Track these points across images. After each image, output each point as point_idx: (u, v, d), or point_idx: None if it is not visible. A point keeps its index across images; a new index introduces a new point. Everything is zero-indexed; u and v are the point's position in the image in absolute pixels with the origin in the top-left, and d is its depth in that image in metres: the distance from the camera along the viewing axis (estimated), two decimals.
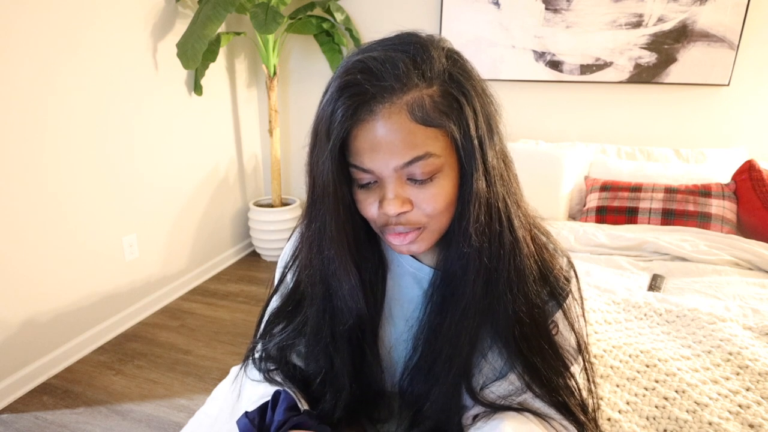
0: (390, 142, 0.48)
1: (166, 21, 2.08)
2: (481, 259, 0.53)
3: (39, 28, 1.56)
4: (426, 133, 0.48)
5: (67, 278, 1.76)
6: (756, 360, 0.98)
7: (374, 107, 0.48)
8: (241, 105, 2.71)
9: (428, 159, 0.49)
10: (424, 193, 0.51)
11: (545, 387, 0.56)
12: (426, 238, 0.54)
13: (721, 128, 2.16)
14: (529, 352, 0.56)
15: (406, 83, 0.48)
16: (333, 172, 0.50)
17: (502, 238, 0.53)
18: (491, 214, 0.52)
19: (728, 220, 1.74)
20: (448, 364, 0.57)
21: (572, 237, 1.73)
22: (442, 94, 0.49)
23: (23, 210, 1.58)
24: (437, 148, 0.49)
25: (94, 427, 1.48)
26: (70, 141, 1.71)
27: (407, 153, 0.48)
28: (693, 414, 0.85)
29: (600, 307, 1.23)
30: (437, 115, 0.48)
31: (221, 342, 1.94)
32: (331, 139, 0.49)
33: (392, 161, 0.49)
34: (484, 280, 0.54)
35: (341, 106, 0.48)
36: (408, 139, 0.48)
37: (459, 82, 0.50)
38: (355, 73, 0.48)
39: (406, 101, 0.48)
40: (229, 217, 2.70)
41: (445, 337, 0.56)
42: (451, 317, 0.56)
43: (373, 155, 0.49)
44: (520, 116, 2.39)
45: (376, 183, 0.52)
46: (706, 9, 2.01)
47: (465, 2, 2.30)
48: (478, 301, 0.54)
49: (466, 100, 0.50)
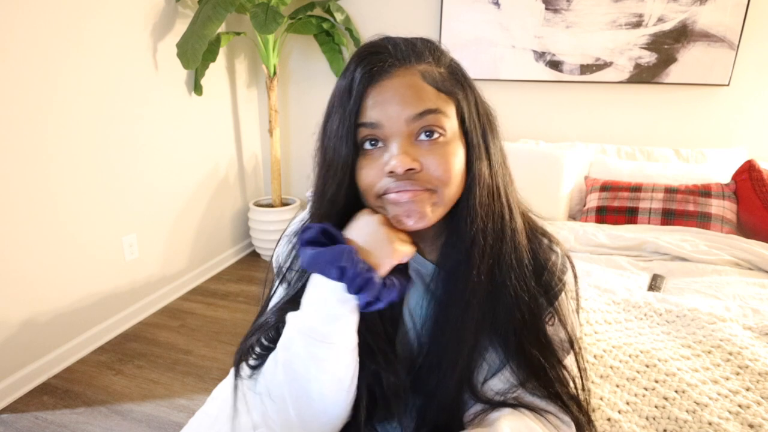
0: (403, 95, 0.51)
1: (166, 21, 2.08)
2: (486, 240, 0.54)
3: (39, 28, 1.56)
4: (437, 95, 0.52)
5: (67, 278, 1.76)
6: (756, 360, 0.98)
7: (391, 71, 0.52)
8: (241, 105, 2.71)
9: (439, 115, 0.51)
10: (434, 153, 0.51)
11: (540, 380, 0.56)
12: (433, 207, 0.53)
13: (721, 128, 2.16)
14: (525, 346, 0.56)
15: (420, 57, 0.53)
16: (351, 136, 0.52)
17: (504, 225, 0.56)
18: (494, 198, 0.55)
19: (728, 220, 1.74)
20: (453, 358, 0.56)
21: (572, 237, 1.73)
22: (451, 75, 0.54)
23: (23, 210, 1.58)
24: (447, 111, 0.52)
25: (94, 427, 1.48)
26: (70, 141, 1.71)
27: (420, 104, 0.51)
28: (693, 414, 0.85)
29: (600, 307, 1.23)
30: (448, 85, 0.53)
31: (221, 342, 1.94)
32: (351, 99, 0.52)
33: (405, 112, 0.50)
34: (489, 264, 0.55)
35: (361, 71, 0.52)
36: (421, 94, 0.51)
37: (464, 75, 0.56)
38: (376, 46, 0.54)
39: (419, 69, 0.52)
40: (229, 217, 2.70)
41: (451, 331, 0.56)
42: (455, 309, 0.56)
43: (386, 107, 0.51)
44: (520, 116, 2.39)
45: (381, 147, 0.52)
46: (706, 9, 2.01)
47: (465, 2, 2.30)
48: (484, 287, 0.55)
49: (470, 89, 0.55)
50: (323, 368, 0.51)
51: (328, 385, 0.52)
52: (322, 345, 0.51)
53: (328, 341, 0.51)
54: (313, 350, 0.51)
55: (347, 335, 0.52)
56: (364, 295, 0.49)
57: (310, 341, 0.51)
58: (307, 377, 0.52)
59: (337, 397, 0.53)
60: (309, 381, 0.52)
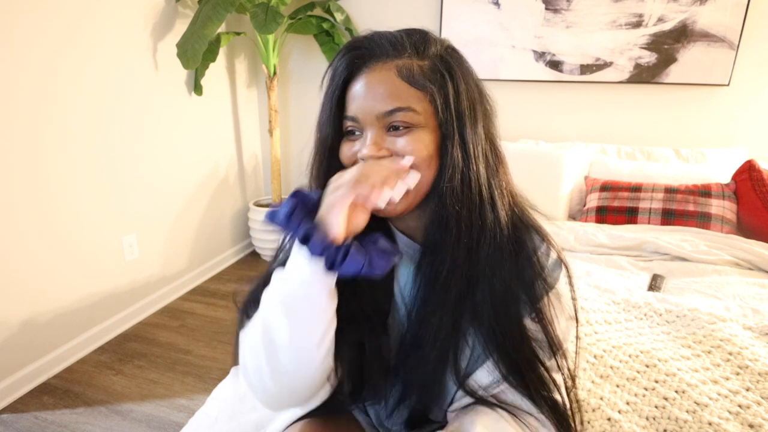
0: (376, 92, 0.55)
1: (166, 21, 2.08)
2: (459, 225, 0.56)
3: (39, 27, 1.56)
4: (410, 92, 0.55)
5: (67, 278, 1.76)
6: (756, 360, 0.98)
7: (369, 64, 0.56)
8: (241, 105, 2.71)
9: (408, 112, 0.55)
10: (401, 141, 0.56)
11: (520, 377, 0.57)
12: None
13: (721, 128, 2.16)
14: (504, 338, 0.57)
15: (399, 51, 0.56)
16: (331, 121, 0.58)
17: (483, 213, 0.57)
18: (470, 186, 0.56)
19: (728, 220, 1.74)
20: (434, 335, 0.58)
21: (572, 237, 1.73)
22: (431, 68, 0.56)
23: (23, 210, 1.58)
24: (419, 107, 0.55)
25: (94, 427, 1.48)
26: (70, 141, 1.71)
27: (390, 103, 0.55)
28: (693, 414, 0.85)
29: (600, 307, 1.23)
30: (422, 80, 0.55)
31: (221, 342, 1.94)
32: (333, 91, 0.58)
33: (376, 108, 0.55)
34: (466, 249, 0.57)
35: (342, 62, 0.58)
36: (393, 91, 0.55)
37: (449, 64, 0.57)
38: (359, 40, 0.59)
39: (396, 63, 0.56)
40: (229, 217, 2.70)
41: (432, 308, 0.58)
42: (436, 288, 0.58)
43: (361, 102, 0.56)
44: (520, 116, 2.39)
45: (359, 135, 0.58)
46: (706, 9, 2.01)
47: (465, 2, 2.30)
48: (460, 271, 0.57)
49: (450, 79, 0.56)
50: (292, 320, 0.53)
51: (296, 338, 0.53)
52: (290, 297, 0.53)
53: (296, 295, 0.53)
54: (284, 300, 0.54)
55: (316, 293, 0.53)
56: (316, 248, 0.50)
57: (281, 293, 0.54)
58: (277, 326, 0.53)
59: (305, 355, 0.54)
60: (279, 330, 0.53)
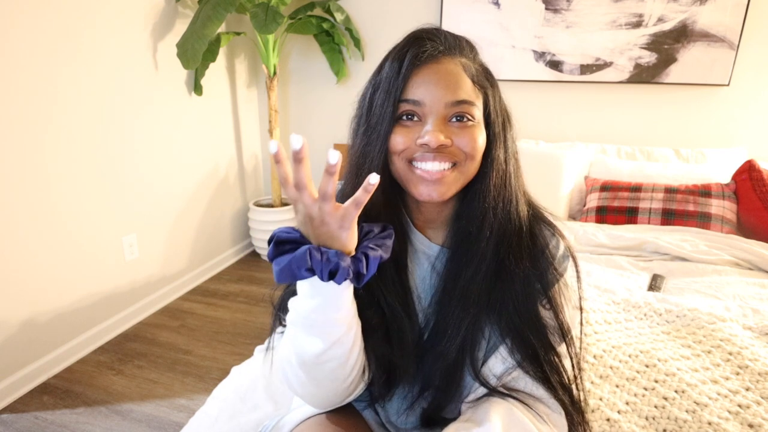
0: (448, 81, 0.58)
1: (166, 21, 2.08)
2: (495, 218, 0.61)
3: (39, 27, 1.56)
4: (473, 89, 0.60)
5: (67, 278, 1.76)
6: (756, 360, 0.98)
7: (438, 56, 0.59)
8: (241, 105, 2.71)
9: (473, 107, 0.59)
10: (463, 132, 0.59)
11: (537, 363, 0.60)
12: (454, 179, 0.59)
13: (721, 128, 2.16)
14: (519, 322, 0.60)
15: (461, 51, 0.61)
16: (392, 108, 0.58)
17: (511, 209, 0.62)
18: (506, 183, 0.62)
19: (728, 220, 1.74)
20: (457, 325, 0.61)
21: (572, 237, 1.70)
22: (482, 72, 0.62)
23: (23, 210, 1.58)
24: (478, 103, 0.60)
25: (94, 427, 1.48)
26: (70, 141, 1.71)
27: (460, 93, 0.58)
28: (693, 414, 0.85)
29: (600, 307, 1.23)
30: (481, 79, 0.61)
31: (221, 342, 1.94)
32: (400, 77, 0.58)
33: (446, 96, 0.57)
34: (497, 240, 0.61)
35: (412, 53, 0.59)
36: (461, 84, 0.58)
37: (490, 71, 0.64)
38: (428, 31, 0.61)
39: (461, 61, 0.60)
40: (229, 217, 2.70)
41: (457, 300, 0.61)
42: (462, 281, 0.61)
43: (431, 88, 0.58)
44: (520, 116, 2.35)
45: (418, 121, 0.59)
46: (706, 9, 2.01)
47: (465, 2, 2.30)
48: (488, 262, 0.61)
49: (494, 85, 0.63)
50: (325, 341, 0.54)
51: (330, 352, 0.55)
52: (318, 326, 0.54)
53: (323, 322, 0.54)
54: (311, 330, 0.54)
55: (346, 308, 0.54)
56: (340, 275, 0.50)
57: (307, 326, 0.55)
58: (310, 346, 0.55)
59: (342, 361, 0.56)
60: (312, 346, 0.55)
